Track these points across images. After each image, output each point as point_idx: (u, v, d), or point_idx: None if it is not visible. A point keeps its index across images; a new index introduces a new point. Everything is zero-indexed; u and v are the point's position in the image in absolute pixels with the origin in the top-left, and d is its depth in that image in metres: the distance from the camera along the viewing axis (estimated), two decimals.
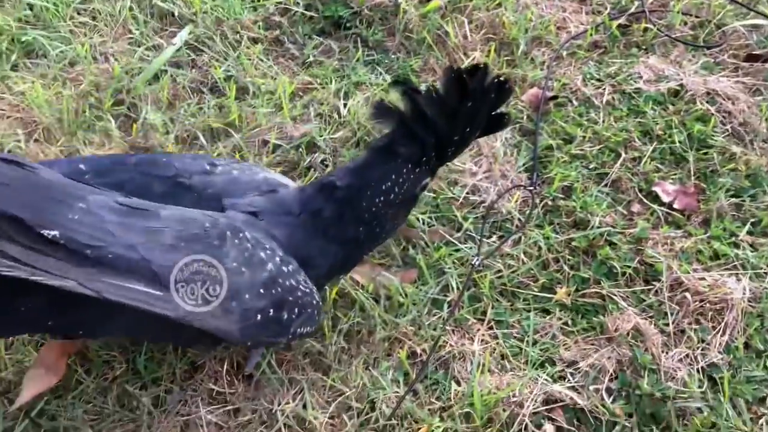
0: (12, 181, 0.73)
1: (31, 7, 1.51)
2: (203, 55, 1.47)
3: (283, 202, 0.97)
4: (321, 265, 0.97)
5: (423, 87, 0.92)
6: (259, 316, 0.85)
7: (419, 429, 0.99)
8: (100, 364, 1.04)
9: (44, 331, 0.95)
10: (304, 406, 1.01)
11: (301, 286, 0.90)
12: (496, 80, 0.91)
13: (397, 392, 1.03)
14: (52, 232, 0.70)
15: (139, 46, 1.47)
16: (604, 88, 1.46)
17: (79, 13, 1.52)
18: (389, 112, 0.93)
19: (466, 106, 0.90)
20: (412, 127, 0.92)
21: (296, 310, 0.89)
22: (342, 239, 0.97)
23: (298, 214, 0.95)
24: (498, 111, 0.96)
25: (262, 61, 1.48)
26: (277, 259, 0.88)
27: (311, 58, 1.50)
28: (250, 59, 1.46)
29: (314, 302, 0.92)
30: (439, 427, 0.98)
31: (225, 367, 1.05)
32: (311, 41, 1.54)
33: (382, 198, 0.95)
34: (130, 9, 1.52)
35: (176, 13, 1.53)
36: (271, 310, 0.86)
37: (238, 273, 0.83)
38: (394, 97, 0.95)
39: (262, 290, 0.85)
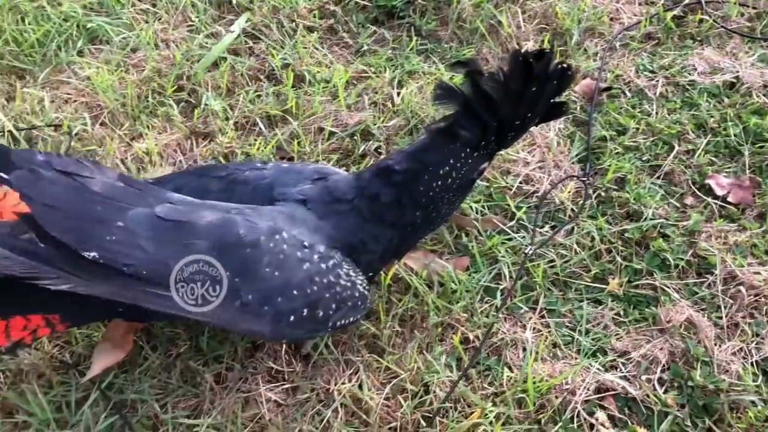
0: (60, 202, 0.80)
1: None
2: (260, 43, 1.50)
3: (335, 188, 0.98)
4: (375, 249, 0.98)
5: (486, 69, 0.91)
6: (292, 317, 0.88)
7: (472, 413, 1.01)
8: (164, 341, 1.09)
9: (116, 317, 0.99)
10: (360, 387, 1.04)
11: (341, 281, 0.92)
12: (559, 66, 0.91)
13: (450, 377, 1.05)
14: (92, 254, 0.78)
15: (198, 34, 1.51)
16: (658, 80, 1.45)
17: (140, 0, 1.56)
18: (453, 94, 0.91)
19: (530, 90, 0.90)
20: (476, 109, 0.91)
21: (334, 305, 0.91)
22: (399, 224, 0.97)
23: (351, 200, 0.96)
24: (557, 99, 0.95)
25: (317, 49, 1.50)
26: (316, 256, 0.90)
27: (365, 47, 1.52)
28: (305, 47, 1.49)
29: (357, 294, 0.94)
30: (492, 411, 1.01)
31: (284, 347, 1.08)
32: (365, 30, 1.56)
33: (439, 182, 0.95)
34: None
35: (234, 1, 1.57)
36: (305, 310, 0.89)
37: (271, 278, 0.87)
38: (457, 80, 0.95)
39: (295, 291, 0.88)
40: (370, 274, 1.02)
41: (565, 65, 0.91)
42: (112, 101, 1.37)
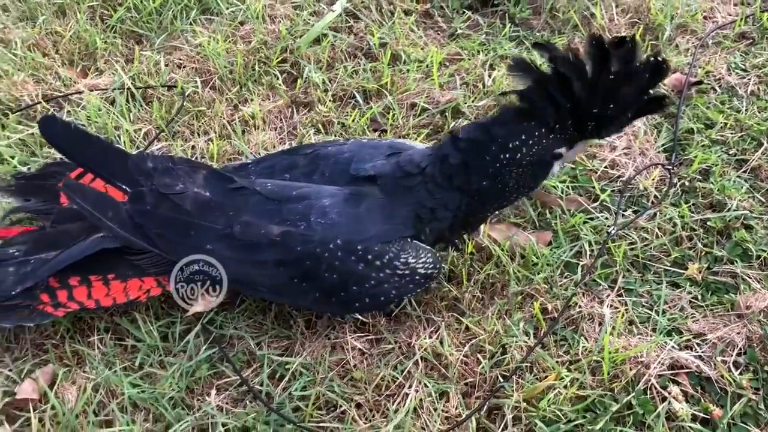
0: (165, 229, 1.04)
1: None
2: (360, 23, 1.58)
3: (408, 162, 1.03)
4: (444, 217, 1.03)
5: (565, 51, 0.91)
6: (357, 304, 1.05)
7: (547, 377, 1.05)
8: None
9: None
10: (441, 343, 1.09)
11: (398, 271, 1.01)
12: (652, 59, 0.88)
13: (528, 342, 1.10)
14: (195, 268, 1.04)
15: (302, 11, 1.59)
16: (749, 78, 1.47)
17: None
18: (528, 70, 0.91)
19: (608, 78, 0.88)
20: (549, 88, 0.91)
21: (394, 291, 1.04)
22: (466, 189, 1.01)
23: (424, 168, 1.01)
24: (655, 92, 0.92)
25: (413, 31, 1.57)
26: (369, 256, 1.00)
27: (459, 32, 1.58)
28: (402, 29, 1.56)
29: (417, 277, 1.03)
30: (567, 376, 1.05)
31: None
32: (459, 16, 1.62)
33: (507, 155, 0.96)
34: None
35: None
36: (367, 299, 1.04)
37: (330, 279, 1.01)
38: (536, 59, 0.95)
39: (354, 287, 1.02)
40: (442, 244, 1.09)
41: (658, 58, 0.88)
42: (221, 68, 1.47)
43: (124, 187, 1.08)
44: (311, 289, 1.03)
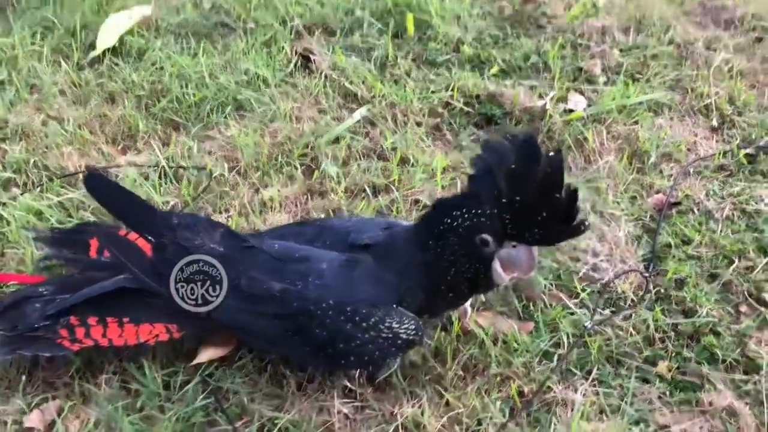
0: None
1: (246, 72, 1.88)
2: (376, 129, 1.76)
3: (396, 234, 1.17)
4: (416, 281, 1.11)
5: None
6: (343, 361, 1.14)
7: None
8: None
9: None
10: (422, 413, 1.17)
11: (382, 334, 1.11)
12: (569, 190, 0.96)
13: (502, 419, 1.17)
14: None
15: (325, 115, 1.79)
16: (725, 205, 1.60)
17: (284, 81, 1.87)
18: (488, 151, 1.02)
19: (524, 179, 0.96)
20: (487, 173, 1.00)
21: (377, 352, 1.12)
22: (421, 244, 1.09)
23: (404, 239, 1.13)
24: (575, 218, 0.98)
25: (422, 140, 1.75)
26: (357, 318, 1.10)
27: (463, 144, 1.75)
28: (413, 138, 1.74)
29: (399, 341, 1.12)
30: None
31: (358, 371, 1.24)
32: (465, 131, 1.80)
33: (449, 221, 1.05)
34: (324, 86, 1.86)
35: (359, 94, 1.85)
36: (352, 357, 1.13)
37: (321, 336, 1.11)
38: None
39: (341, 345, 1.11)
40: (426, 315, 1.18)
41: (572, 188, 0.96)
42: (248, 157, 1.64)
43: (150, 237, 1.20)
44: (303, 342, 1.12)
